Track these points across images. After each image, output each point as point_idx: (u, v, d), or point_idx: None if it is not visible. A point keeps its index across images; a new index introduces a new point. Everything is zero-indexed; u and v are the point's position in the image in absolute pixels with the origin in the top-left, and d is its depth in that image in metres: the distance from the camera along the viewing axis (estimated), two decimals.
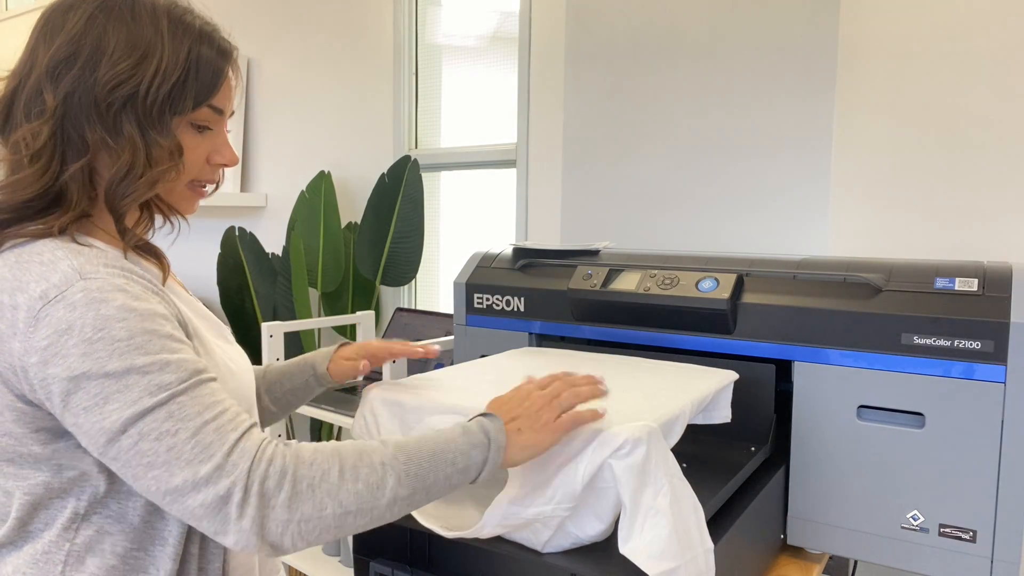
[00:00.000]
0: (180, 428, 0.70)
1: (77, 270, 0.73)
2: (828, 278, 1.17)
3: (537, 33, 2.23)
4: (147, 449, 0.70)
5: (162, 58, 0.79)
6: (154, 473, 0.70)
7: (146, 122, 0.79)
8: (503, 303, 1.43)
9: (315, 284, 2.58)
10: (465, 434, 0.80)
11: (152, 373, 0.71)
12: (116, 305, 0.72)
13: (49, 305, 0.71)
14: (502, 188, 2.42)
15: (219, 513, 0.69)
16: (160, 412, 0.70)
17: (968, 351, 1.04)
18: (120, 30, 0.78)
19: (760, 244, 1.69)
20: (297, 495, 0.71)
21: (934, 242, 1.66)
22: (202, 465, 0.70)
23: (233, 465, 0.70)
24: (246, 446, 0.72)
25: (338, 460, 0.74)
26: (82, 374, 0.70)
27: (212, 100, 0.83)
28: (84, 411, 0.70)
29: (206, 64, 0.82)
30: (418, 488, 0.76)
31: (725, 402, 1.09)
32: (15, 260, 0.76)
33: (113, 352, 0.70)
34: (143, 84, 0.78)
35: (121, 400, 0.70)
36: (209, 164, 0.87)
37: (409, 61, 2.60)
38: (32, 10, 4.00)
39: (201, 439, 0.70)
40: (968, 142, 1.61)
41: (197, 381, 0.73)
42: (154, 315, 0.74)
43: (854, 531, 1.14)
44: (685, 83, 1.77)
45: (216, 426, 0.72)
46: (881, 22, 1.69)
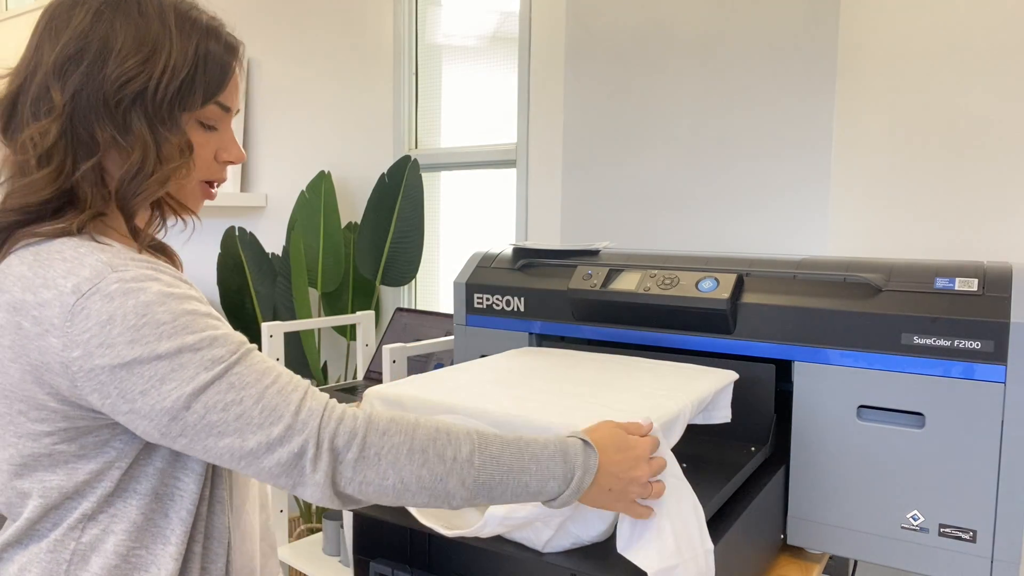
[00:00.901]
0: (244, 396, 0.72)
1: (107, 263, 0.73)
2: (828, 278, 1.17)
3: (537, 33, 2.23)
4: (216, 420, 0.71)
5: (171, 54, 0.78)
6: (226, 441, 0.72)
7: (156, 119, 0.78)
8: (503, 303, 1.43)
9: (315, 284, 2.58)
10: (553, 460, 0.79)
11: (203, 349, 0.72)
12: (153, 291, 0.72)
13: (84, 298, 0.71)
14: (502, 188, 2.42)
15: (295, 468, 0.72)
16: (221, 384, 0.72)
17: (968, 351, 1.04)
18: (128, 26, 0.77)
19: (760, 244, 1.69)
20: (364, 459, 0.73)
21: (934, 242, 1.66)
22: (273, 427, 0.72)
23: (303, 424, 0.72)
24: (312, 405, 0.74)
25: (410, 438, 0.75)
26: (133, 360, 0.70)
27: (220, 97, 0.83)
28: (141, 395, 0.71)
29: (214, 60, 0.81)
30: (480, 495, 0.76)
31: (725, 402, 1.09)
32: (33, 259, 0.75)
33: (161, 335, 0.71)
34: (152, 80, 0.77)
35: (178, 378, 0.71)
36: (217, 162, 0.87)
37: (409, 61, 2.60)
38: (32, 10, 4.00)
39: (267, 402, 0.72)
40: (968, 142, 1.61)
41: (247, 351, 0.75)
42: (190, 297, 0.75)
43: (854, 531, 1.14)
44: (685, 83, 1.77)
45: (278, 388, 0.74)
46: (881, 22, 1.69)
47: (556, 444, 0.80)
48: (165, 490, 0.80)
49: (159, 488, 0.79)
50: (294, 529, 2.49)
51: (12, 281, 0.75)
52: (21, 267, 0.75)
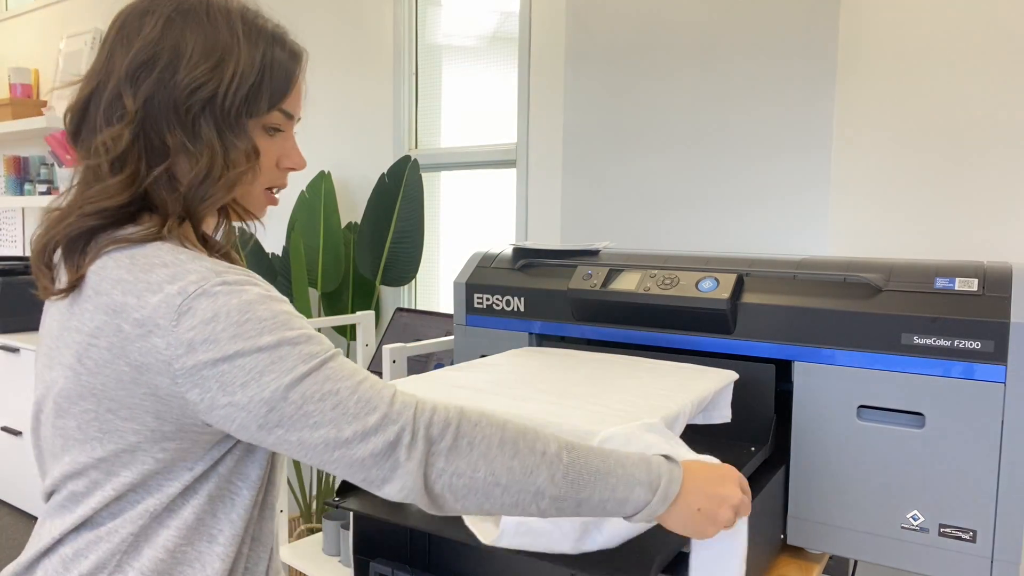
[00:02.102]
0: (340, 387, 0.74)
1: (211, 269, 0.76)
2: (828, 278, 1.17)
3: (537, 33, 2.23)
4: (313, 410, 0.73)
5: (239, 61, 0.80)
6: (322, 432, 0.73)
7: (224, 125, 0.80)
8: (503, 303, 1.43)
9: (315, 284, 2.58)
10: (637, 466, 0.79)
11: (302, 344, 0.74)
12: (255, 293, 0.75)
13: (191, 299, 0.73)
14: (502, 188, 2.42)
15: (389, 458, 0.73)
16: (318, 375, 0.74)
17: (968, 351, 1.04)
18: (197, 33, 0.79)
19: (760, 244, 1.69)
20: (456, 448, 0.74)
21: (934, 242, 1.66)
22: (369, 416, 0.73)
23: (398, 413, 0.74)
24: (405, 398, 0.75)
25: (501, 430, 0.76)
26: (235, 352, 0.72)
27: (284, 104, 0.85)
28: (241, 387, 0.73)
29: (279, 67, 0.83)
30: (569, 495, 0.76)
31: (725, 402, 1.09)
32: (131, 263, 0.77)
33: (263, 329, 0.73)
34: (221, 87, 0.79)
35: (278, 369, 0.73)
36: (279, 168, 0.89)
37: (409, 61, 2.60)
38: (32, 10, 4.00)
39: (362, 394, 0.74)
40: (968, 142, 1.61)
41: (337, 351, 0.77)
42: (284, 303, 0.77)
43: (854, 531, 1.14)
44: (685, 83, 1.77)
45: (371, 383, 0.76)
46: (881, 22, 1.69)
47: (638, 454, 0.80)
48: (220, 494, 0.82)
49: (215, 491, 0.82)
50: (294, 529, 2.49)
51: (111, 284, 0.76)
52: (119, 271, 0.77)
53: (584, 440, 0.83)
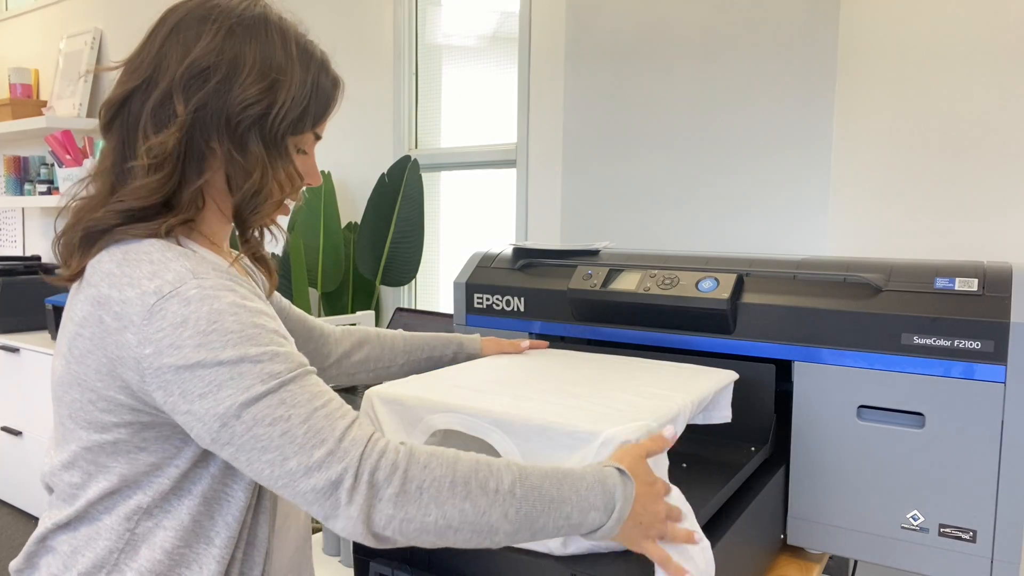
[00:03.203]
0: (292, 414, 0.72)
1: (190, 270, 0.76)
2: (828, 278, 1.17)
3: (537, 33, 2.23)
4: (261, 434, 0.72)
5: (292, 85, 0.82)
6: (268, 457, 0.72)
7: (270, 142, 0.82)
8: (503, 303, 1.43)
9: (315, 284, 2.58)
10: (592, 490, 0.77)
11: (264, 362, 0.73)
12: (228, 301, 0.74)
13: (164, 300, 0.73)
14: (502, 188, 2.42)
15: (330, 498, 0.71)
16: (273, 399, 0.72)
17: (968, 351, 1.04)
18: (256, 50, 0.81)
19: (760, 244, 1.69)
20: (405, 493, 0.72)
21: (934, 242, 1.66)
22: (315, 450, 0.72)
23: (344, 451, 0.72)
24: (357, 435, 0.74)
25: (452, 471, 0.73)
26: (197, 363, 0.72)
27: (318, 127, 0.89)
28: (199, 397, 0.72)
29: (323, 93, 0.87)
30: (523, 528, 0.75)
31: (725, 402, 1.09)
32: (122, 257, 0.78)
33: (227, 342, 0.73)
34: (275, 107, 0.81)
35: (235, 387, 0.72)
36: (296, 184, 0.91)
37: (409, 61, 2.60)
38: (32, 10, 4.00)
39: (313, 424, 0.73)
40: (968, 142, 1.61)
41: (304, 371, 0.76)
42: (261, 312, 0.77)
43: (854, 531, 1.14)
44: (685, 83, 1.77)
45: (326, 413, 0.74)
46: (881, 22, 1.69)
47: (594, 474, 0.78)
48: (215, 495, 0.82)
49: (209, 492, 0.82)
50: None
51: (100, 277, 0.78)
52: (110, 264, 0.78)
53: (587, 441, 0.83)
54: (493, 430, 0.89)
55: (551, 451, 0.85)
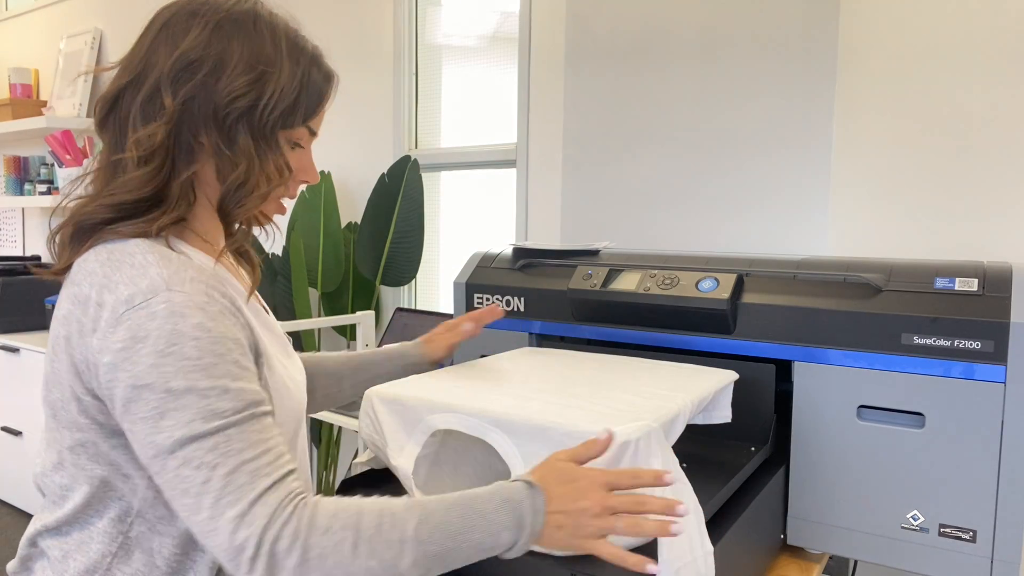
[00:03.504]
0: (219, 463, 0.71)
1: (165, 280, 0.74)
2: (828, 278, 1.17)
3: (537, 33, 2.23)
4: (186, 476, 0.71)
5: (281, 77, 0.82)
6: (186, 501, 0.71)
7: (259, 135, 0.82)
8: (503, 303, 1.43)
9: (315, 284, 2.58)
10: (499, 511, 0.75)
11: (210, 397, 0.72)
12: (193, 323, 0.73)
13: (132, 310, 0.73)
14: (502, 188, 2.42)
15: (232, 560, 0.70)
16: (206, 442, 0.71)
17: (968, 351, 1.04)
18: (244, 43, 0.81)
19: (760, 244, 1.69)
20: (306, 563, 0.70)
21: (934, 242, 1.66)
22: (227, 509, 0.70)
23: (253, 517, 0.70)
24: (270, 499, 0.71)
25: (354, 531, 0.71)
26: (145, 384, 0.71)
27: (311, 121, 0.88)
28: (141, 420, 0.72)
29: (314, 87, 0.86)
30: (435, 566, 0.74)
31: (725, 402, 1.09)
32: (107, 257, 0.78)
33: (180, 369, 0.71)
34: (262, 100, 0.81)
35: (176, 419, 0.71)
36: (295, 181, 0.91)
37: (409, 61, 2.60)
38: (32, 10, 4.00)
39: (234, 479, 0.71)
40: (968, 142, 1.61)
41: (250, 415, 0.74)
42: (225, 338, 0.75)
43: (854, 531, 1.14)
44: (685, 83, 1.77)
45: (252, 468, 0.72)
46: (881, 22, 1.69)
47: (500, 493, 0.76)
48: None
49: None
50: None
51: (83, 275, 0.78)
52: (95, 263, 0.78)
53: (586, 438, 0.83)
54: (493, 430, 0.89)
55: (551, 451, 0.85)
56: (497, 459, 0.91)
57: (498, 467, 0.99)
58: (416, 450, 0.95)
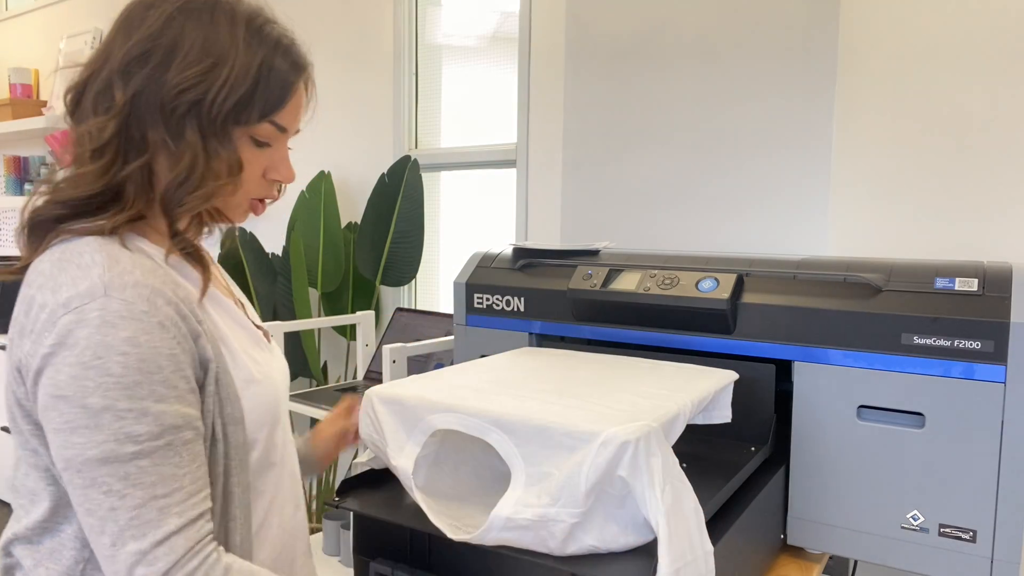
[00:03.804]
0: (128, 494, 0.70)
1: (104, 283, 0.72)
2: (828, 278, 1.17)
3: (537, 33, 2.23)
4: (93, 497, 0.70)
5: (233, 67, 0.77)
6: (89, 521, 0.71)
7: (208, 130, 0.78)
8: (503, 303, 1.43)
9: (315, 284, 2.58)
10: None
11: (127, 420, 0.70)
12: (123, 336, 0.70)
13: (67, 315, 0.71)
14: (502, 188, 2.42)
15: None
16: (119, 469, 0.70)
17: (968, 351, 1.04)
18: (197, 33, 0.77)
19: (760, 244, 1.69)
20: None
21: (934, 242, 1.66)
22: (131, 541, 0.70)
23: (154, 558, 0.70)
24: (177, 543, 0.71)
25: None
26: (63, 396, 0.70)
27: (277, 116, 0.82)
28: (54, 432, 0.71)
29: (276, 77, 0.81)
30: None
31: (725, 402, 1.09)
32: (59, 256, 0.76)
33: (100, 386, 0.69)
34: (210, 92, 0.77)
35: (87, 437, 0.70)
36: (265, 179, 0.86)
37: (409, 61, 2.60)
38: (32, 10, 4.00)
39: (142, 514, 0.70)
40: (968, 142, 1.61)
41: (166, 443, 0.72)
42: (157, 355, 0.72)
43: (854, 531, 1.14)
44: (685, 83, 1.77)
45: (162, 505, 0.71)
46: (881, 22, 1.69)
47: None
48: None
49: None
50: None
51: (35, 275, 0.76)
52: (47, 263, 0.76)
53: (587, 441, 0.83)
54: (492, 430, 0.89)
55: (551, 451, 0.85)
56: (497, 459, 0.91)
57: (498, 467, 0.99)
58: (416, 450, 0.95)
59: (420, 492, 0.94)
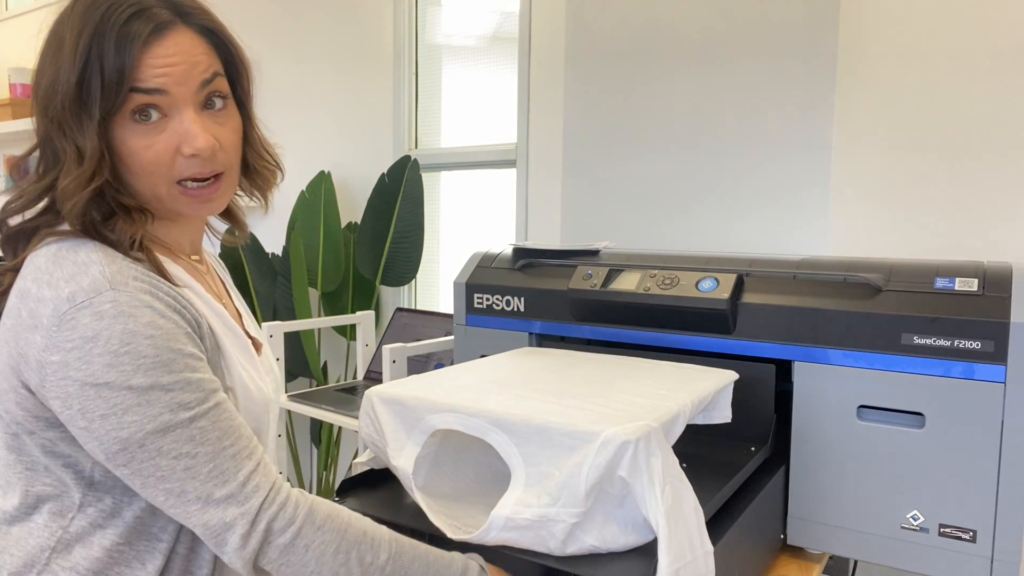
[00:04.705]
0: (200, 451, 0.73)
1: (108, 278, 0.73)
2: (828, 278, 1.17)
3: (537, 33, 2.23)
4: (164, 465, 0.72)
5: (66, 62, 0.75)
6: (166, 486, 0.73)
7: (67, 128, 0.75)
8: (503, 303, 1.43)
9: (315, 284, 2.58)
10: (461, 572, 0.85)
11: (175, 391, 0.72)
12: (144, 321, 0.72)
13: (76, 309, 0.71)
14: (502, 188, 2.42)
15: (220, 536, 0.73)
16: (181, 433, 0.72)
17: (968, 351, 1.04)
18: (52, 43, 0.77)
19: (760, 244, 1.69)
20: (292, 547, 0.75)
21: (934, 242, 1.66)
22: (216, 488, 0.73)
23: (245, 497, 0.74)
24: (261, 481, 0.75)
25: (341, 538, 0.78)
26: (105, 383, 0.70)
27: (132, 81, 0.74)
28: (101, 418, 0.71)
29: (107, 54, 0.74)
30: None
31: (725, 402, 1.09)
32: (55, 253, 0.77)
33: (139, 367, 0.71)
34: (56, 97, 0.75)
35: (142, 413, 0.71)
36: (183, 156, 0.78)
37: (409, 61, 2.60)
38: (32, 10, 4.00)
39: (219, 464, 0.73)
40: (968, 142, 1.61)
41: (215, 404, 0.75)
42: (178, 333, 0.75)
43: (854, 531, 1.14)
44: (685, 83, 1.77)
45: (233, 452, 0.75)
46: (881, 22, 1.69)
47: (461, 563, 0.86)
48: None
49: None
50: None
51: (30, 270, 0.77)
52: (43, 258, 0.77)
53: (587, 441, 0.83)
54: (493, 430, 0.89)
55: (551, 451, 0.85)
56: (497, 459, 0.91)
57: (498, 467, 0.99)
58: (416, 450, 0.95)
59: (420, 492, 0.94)
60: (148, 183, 0.79)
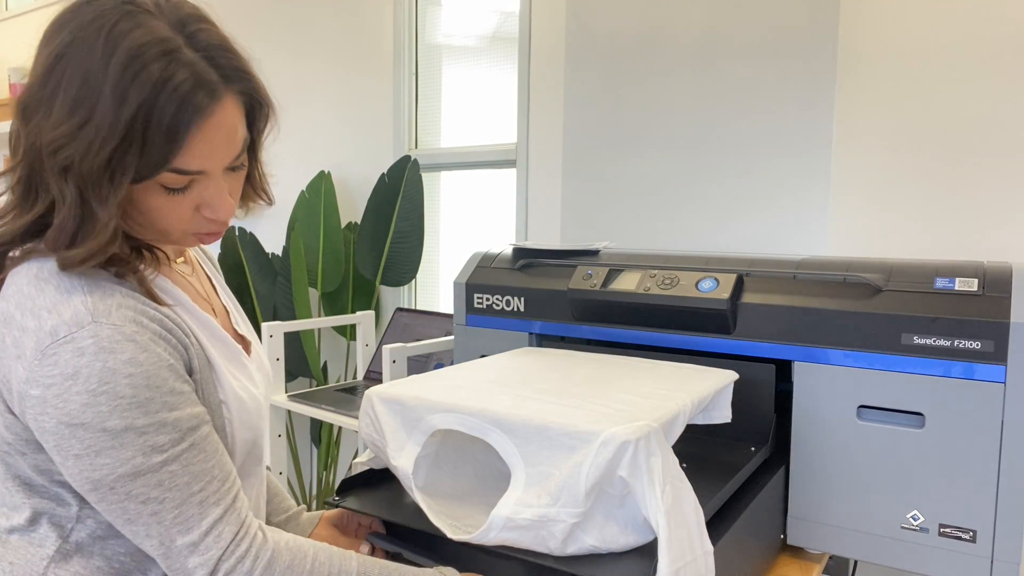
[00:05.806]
0: (167, 497, 0.73)
1: (89, 310, 0.71)
2: (828, 278, 1.17)
3: (537, 33, 2.23)
4: (132, 508, 0.72)
5: (102, 121, 0.68)
6: (132, 528, 0.74)
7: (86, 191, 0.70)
8: (503, 303, 1.43)
9: (315, 284, 2.58)
10: None
11: (148, 434, 0.72)
12: (124, 359, 0.71)
13: (58, 344, 0.70)
14: (502, 188, 2.42)
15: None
16: (151, 478, 0.72)
17: (968, 351, 1.04)
18: (74, 78, 0.68)
19: (760, 244, 1.69)
20: None
21: (934, 242, 1.66)
22: (179, 536, 0.74)
23: (206, 548, 0.74)
24: (224, 530, 0.75)
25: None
26: (80, 423, 0.70)
27: (176, 163, 0.71)
28: (75, 457, 0.71)
29: (157, 124, 0.69)
30: None
31: (725, 402, 1.09)
32: (35, 276, 0.74)
33: (115, 408, 0.70)
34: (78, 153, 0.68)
35: (114, 456, 0.71)
36: (200, 215, 0.78)
37: (409, 61, 2.60)
38: (32, 10, 4.00)
39: (184, 511, 0.74)
40: (968, 142, 1.61)
41: (190, 444, 0.75)
42: (159, 368, 0.73)
43: (854, 531, 1.14)
44: (685, 83, 1.77)
45: (201, 498, 0.75)
46: (881, 22, 1.69)
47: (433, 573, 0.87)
48: None
49: None
50: None
51: (13, 292, 0.75)
52: (25, 279, 0.75)
53: (587, 441, 0.83)
54: (493, 430, 0.89)
55: (551, 451, 0.85)
56: (497, 459, 0.91)
57: (498, 467, 0.99)
58: (416, 450, 0.95)
59: (420, 492, 0.94)
60: (159, 234, 0.79)
